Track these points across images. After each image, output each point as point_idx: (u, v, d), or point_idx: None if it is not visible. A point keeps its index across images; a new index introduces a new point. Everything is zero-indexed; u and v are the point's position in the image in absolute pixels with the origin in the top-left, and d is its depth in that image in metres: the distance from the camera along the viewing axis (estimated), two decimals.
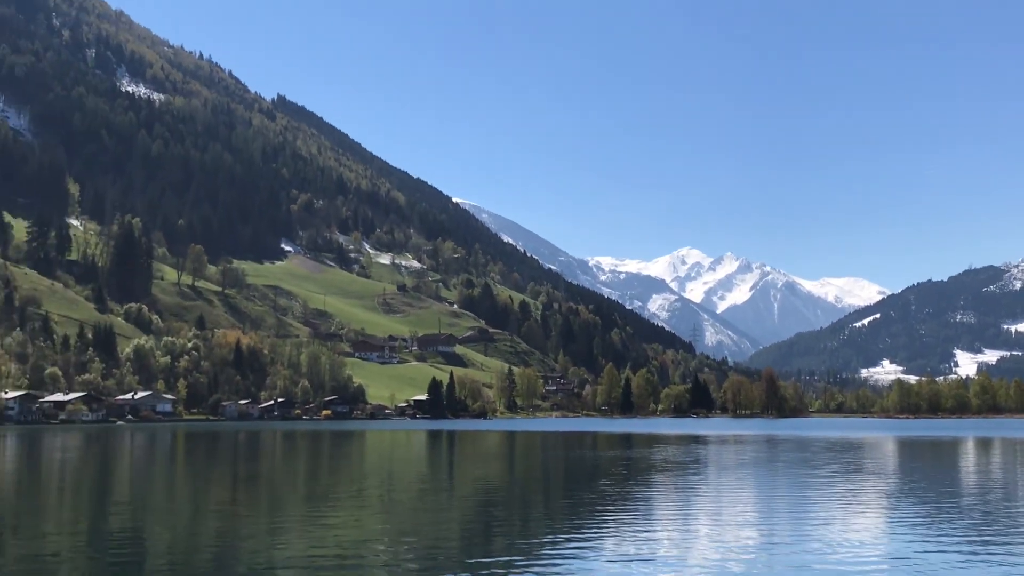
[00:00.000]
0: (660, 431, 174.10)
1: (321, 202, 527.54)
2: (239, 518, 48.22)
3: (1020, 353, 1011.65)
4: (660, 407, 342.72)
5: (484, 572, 30.02)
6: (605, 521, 42.35)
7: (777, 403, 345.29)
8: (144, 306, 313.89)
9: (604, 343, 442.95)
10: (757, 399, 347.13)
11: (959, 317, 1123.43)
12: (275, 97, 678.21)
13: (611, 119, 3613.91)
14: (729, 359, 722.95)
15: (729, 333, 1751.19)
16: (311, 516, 46.69)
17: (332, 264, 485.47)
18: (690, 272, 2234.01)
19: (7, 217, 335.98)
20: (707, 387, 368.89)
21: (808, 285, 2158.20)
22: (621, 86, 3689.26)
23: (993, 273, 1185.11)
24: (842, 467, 75.93)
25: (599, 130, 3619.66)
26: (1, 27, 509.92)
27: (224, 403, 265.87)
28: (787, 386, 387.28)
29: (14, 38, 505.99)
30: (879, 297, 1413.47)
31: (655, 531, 38.88)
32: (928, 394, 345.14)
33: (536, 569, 29.88)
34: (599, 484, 64.44)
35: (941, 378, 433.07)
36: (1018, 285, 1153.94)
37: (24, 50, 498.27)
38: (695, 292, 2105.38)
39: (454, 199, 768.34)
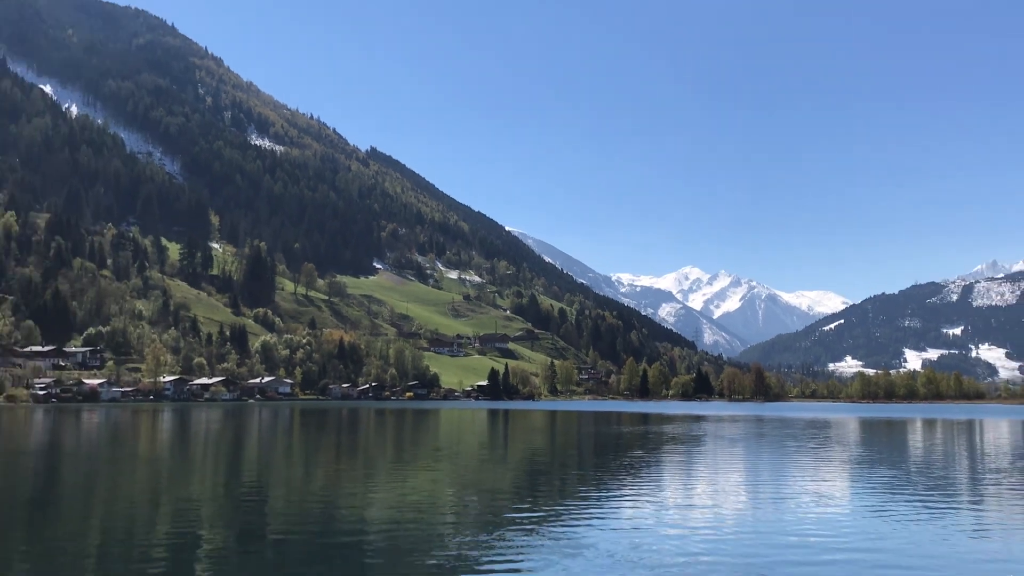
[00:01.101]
0: (671, 412, 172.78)
1: (404, 230, 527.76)
2: (340, 474, 48.49)
3: (956, 351, 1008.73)
4: (670, 392, 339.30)
5: (529, 520, 29.66)
6: (625, 481, 41.99)
7: (764, 390, 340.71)
8: (269, 311, 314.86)
9: (625, 342, 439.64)
10: (747, 387, 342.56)
11: (907, 323, 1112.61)
12: (368, 148, 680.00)
13: (628, 159, 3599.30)
14: (724, 355, 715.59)
15: (723, 334, 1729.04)
16: (396, 473, 46.82)
17: (412, 278, 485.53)
18: (692, 286, 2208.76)
19: (164, 242, 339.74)
20: (707, 377, 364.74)
21: (786, 296, 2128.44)
22: (634, 135, 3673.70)
23: (935, 288, 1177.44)
24: (822, 439, 75.39)
25: (620, 169, 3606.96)
26: (160, 95, 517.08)
27: (330, 386, 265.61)
28: (771, 376, 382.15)
29: (170, 103, 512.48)
30: (843, 306, 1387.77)
31: (665, 490, 38.68)
32: (884, 384, 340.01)
33: (570, 519, 29.56)
34: (623, 452, 64.20)
35: (894, 371, 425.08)
36: (954, 297, 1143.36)
37: (177, 113, 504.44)
38: (696, 302, 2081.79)
39: (506, 227, 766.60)
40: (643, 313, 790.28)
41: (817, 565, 21.58)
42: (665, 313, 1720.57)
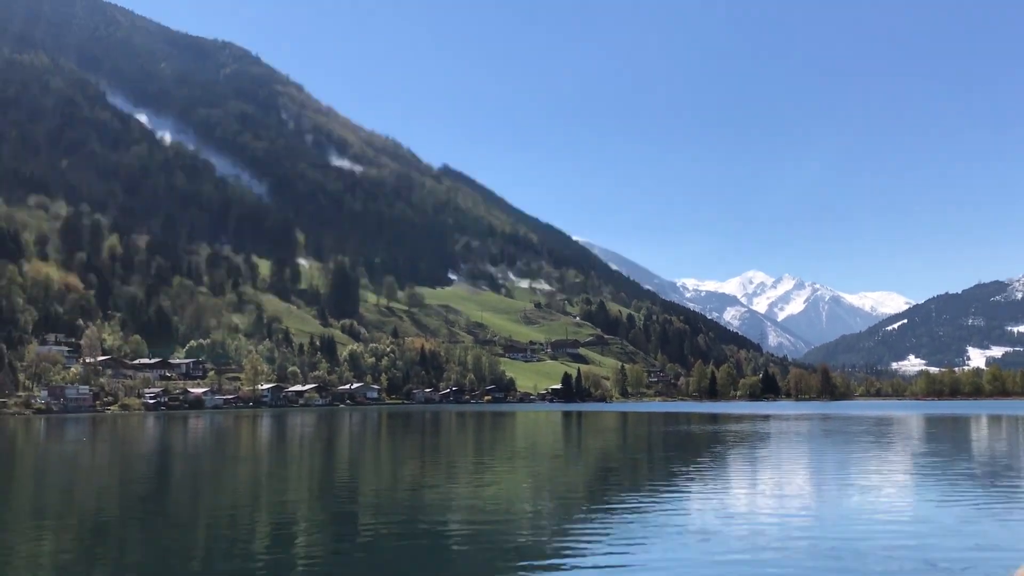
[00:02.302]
0: (741, 412, 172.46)
1: (476, 243, 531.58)
2: (425, 469, 51.26)
3: (1021, 349, 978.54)
4: (738, 393, 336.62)
5: (601, 516, 30.27)
6: (697, 477, 42.93)
7: (830, 389, 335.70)
8: (354, 321, 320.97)
9: (692, 345, 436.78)
10: (814, 387, 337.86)
11: (971, 321, 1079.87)
12: (441, 165, 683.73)
13: (691, 166, 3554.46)
14: (788, 357, 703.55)
15: (788, 336, 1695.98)
16: (477, 471, 48.94)
17: (486, 288, 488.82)
18: (756, 290, 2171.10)
19: (255, 259, 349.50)
20: (774, 378, 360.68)
21: (850, 298, 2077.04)
22: (695, 141, 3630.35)
23: (999, 286, 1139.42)
24: (891, 435, 75.96)
25: (684, 176, 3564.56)
26: (247, 121, 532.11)
27: (414, 391, 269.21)
28: (837, 376, 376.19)
29: (256, 128, 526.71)
30: (906, 306, 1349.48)
31: (736, 486, 39.13)
32: (950, 381, 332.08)
33: (642, 513, 30.03)
34: (695, 450, 65.24)
35: (958, 369, 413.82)
36: (1019, 295, 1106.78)
37: (263, 137, 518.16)
38: (760, 305, 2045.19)
39: (574, 237, 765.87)
40: (708, 317, 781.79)
41: (881, 556, 21.92)
42: (730, 317, 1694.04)
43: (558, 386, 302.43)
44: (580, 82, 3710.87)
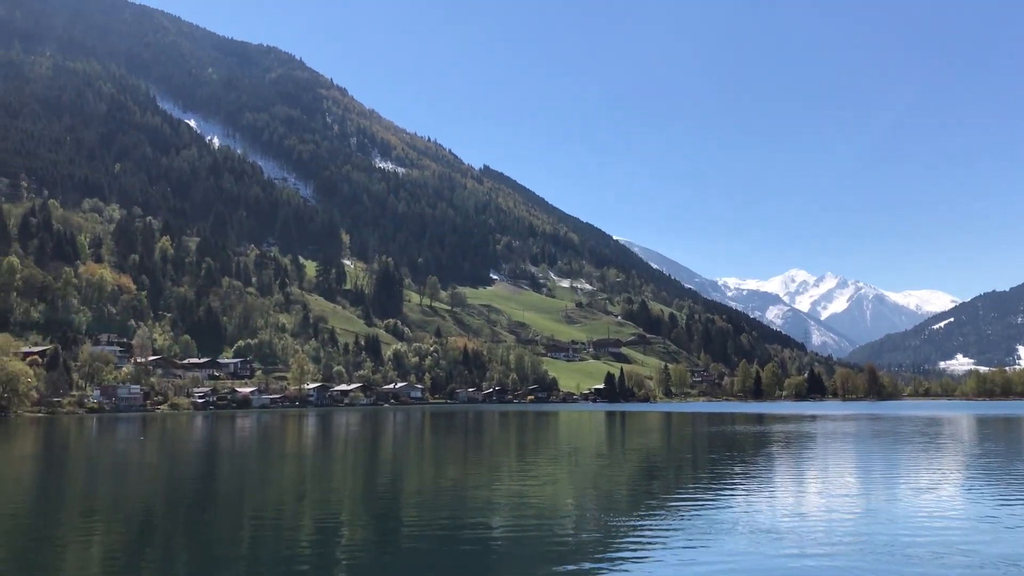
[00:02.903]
0: (788, 411, 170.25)
1: (517, 242, 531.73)
2: (468, 468, 51.21)
3: None
4: (784, 393, 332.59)
5: (644, 515, 30.44)
6: (742, 478, 42.45)
7: (877, 389, 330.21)
8: (398, 321, 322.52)
9: (735, 344, 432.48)
10: (861, 386, 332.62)
11: (1020, 319, 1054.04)
12: (482, 166, 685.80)
13: (730, 164, 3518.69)
14: (833, 356, 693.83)
15: (831, 335, 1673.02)
16: (520, 470, 48.90)
17: (527, 288, 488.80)
18: (798, 288, 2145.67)
19: (301, 260, 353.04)
20: (820, 377, 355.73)
21: (894, 296, 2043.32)
22: (736, 139, 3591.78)
23: None
24: (943, 436, 74.44)
25: (723, 174, 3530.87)
26: (293, 124, 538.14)
27: (457, 390, 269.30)
28: (884, 376, 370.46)
29: (301, 132, 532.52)
30: (952, 304, 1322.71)
31: (785, 486, 38.91)
32: (1001, 380, 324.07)
33: (681, 515, 29.74)
34: (743, 450, 64.43)
35: (1009, 368, 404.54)
36: None
37: (308, 140, 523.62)
38: (803, 303, 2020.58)
39: (614, 237, 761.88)
40: (751, 316, 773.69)
41: (929, 557, 21.71)
42: (772, 316, 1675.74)
43: (601, 386, 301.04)
44: (619, 81, 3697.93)
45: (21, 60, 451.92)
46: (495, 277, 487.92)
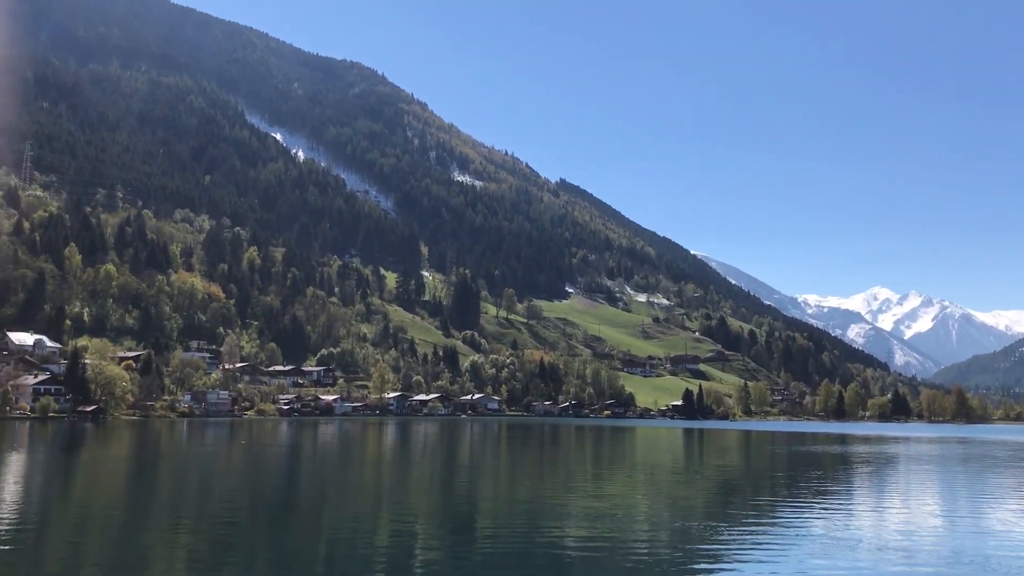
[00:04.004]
0: (874, 432, 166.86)
1: (593, 256, 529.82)
2: (544, 481, 52.23)
3: None
4: (867, 414, 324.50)
5: (719, 532, 30.69)
6: (821, 497, 42.30)
7: (965, 412, 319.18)
8: (475, 333, 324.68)
9: (817, 363, 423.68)
10: (948, 408, 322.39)
11: None
12: (558, 180, 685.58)
13: (810, 178, 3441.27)
14: (917, 376, 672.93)
15: (915, 355, 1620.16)
16: (595, 483, 49.61)
17: (603, 302, 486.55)
18: (881, 306, 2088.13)
19: (382, 271, 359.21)
20: (905, 398, 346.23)
21: (982, 316, 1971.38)
22: (817, 152, 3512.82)
23: None
24: None
25: (803, 189, 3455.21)
26: (375, 139, 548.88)
27: (533, 403, 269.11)
28: (973, 398, 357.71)
29: (382, 146, 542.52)
30: None
31: (866, 507, 38.76)
32: None
33: (757, 533, 29.92)
34: (822, 470, 64.05)
35: None
36: None
37: (389, 154, 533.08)
38: (885, 322, 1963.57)
39: (691, 251, 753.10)
40: (831, 334, 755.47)
41: None
42: (854, 334, 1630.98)
43: (679, 402, 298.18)
44: (696, 93, 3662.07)
45: (119, 76, 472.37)
46: (571, 290, 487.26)
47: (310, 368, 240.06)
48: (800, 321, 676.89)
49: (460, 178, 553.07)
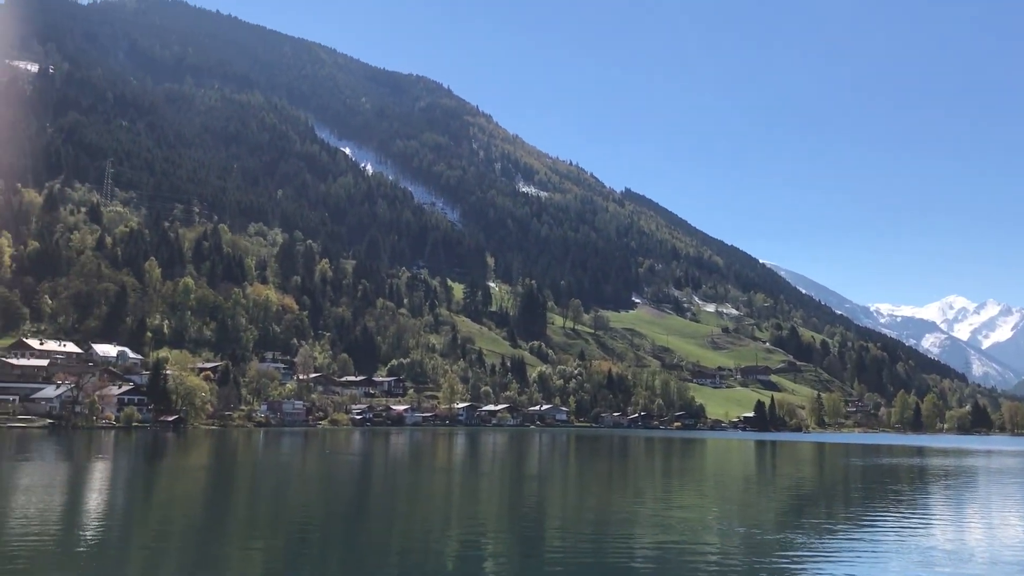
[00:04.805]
0: (954, 445, 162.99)
1: (660, 266, 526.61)
2: (613, 492, 52.91)
3: None
4: (945, 426, 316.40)
5: (790, 547, 30.73)
6: (896, 512, 42.05)
7: None
8: (542, 343, 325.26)
9: (891, 374, 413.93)
10: None
11: None
12: (623, 189, 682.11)
13: (881, 185, 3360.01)
14: (996, 387, 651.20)
15: (994, 366, 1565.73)
16: (665, 495, 50.04)
17: (670, 312, 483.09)
18: (957, 315, 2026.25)
19: (449, 282, 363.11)
20: (985, 410, 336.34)
21: None
22: (888, 159, 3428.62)
23: None
24: None
25: (874, 195, 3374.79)
26: (441, 152, 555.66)
27: (602, 414, 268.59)
28: None
29: (448, 158, 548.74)
30: None
31: (944, 523, 38.43)
32: None
33: (829, 550, 29.88)
34: (897, 483, 63.51)
35: None
36: None
37: (455, 166, 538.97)
38: (962, 332, 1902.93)
39: (760, 260, 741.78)
40: (906, 344, 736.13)
41: None
42: (929, 344, 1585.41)
43: (750, 414, 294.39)
44: (762, 98, 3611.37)
45: (192, 93, 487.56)
46: (637, 301, 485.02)
47: (381, 378, 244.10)
48: (873, 331, 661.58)
49: (525, 189, 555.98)
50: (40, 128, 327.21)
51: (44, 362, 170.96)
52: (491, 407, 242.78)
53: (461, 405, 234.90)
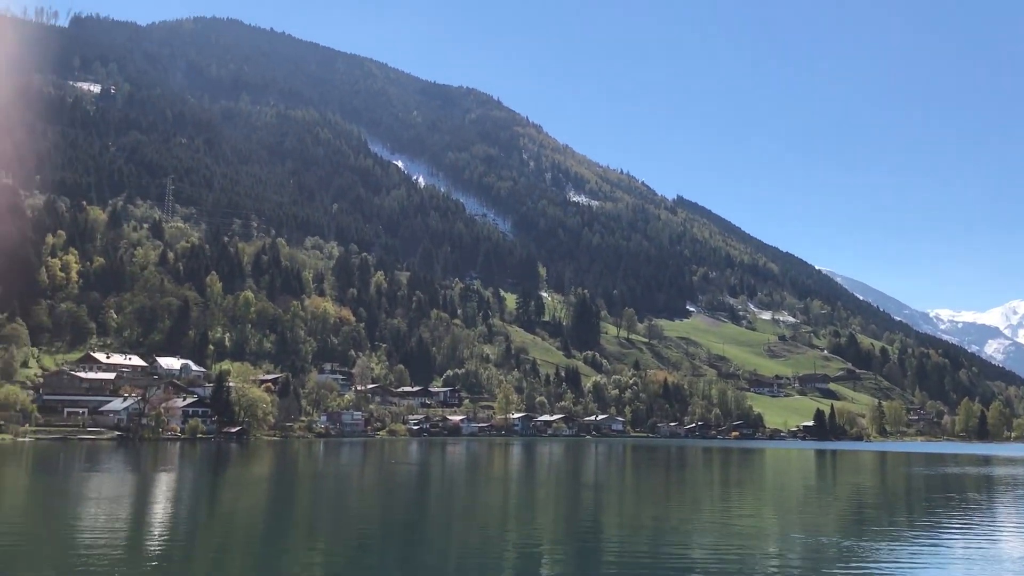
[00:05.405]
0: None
1: (714, 273, 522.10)
2: (671, 503, 52.88)
3: None
4: (1013, 434, 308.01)
5: (853, 557, 30.40)
6: (962, 523, 41.22)
7: None
8: (596, 353, 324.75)
9: (954, 381, 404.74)
10: None
11: None
12: (675, 197, 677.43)
13: (942, 185, 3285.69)
14: None
15: None
16: (723, 506, 49.74)
17: (725, 320, 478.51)
18: (1021, 320, 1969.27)
19: (502, 292, 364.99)
20: None
21: None
22: (946, 159, 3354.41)
23: None
24: None
25: (934, 198, 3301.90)
26: (492, 163, 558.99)
27: (658, 424, 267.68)
28: None
29: (499, 169, 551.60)
30: None
31: (1010, 532, 38.00)
32: None
33: (893, 561, 29.55)
34: (963, 493, 62.60)
35: None
36: None
37: (506, 177, 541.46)
38: None
39: (816, 266, 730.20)
40: (968, 350, 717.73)
41: None
42: (992, 350, 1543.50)
43: (810, 423, 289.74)
44: (813, 106, 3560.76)
45: (249, 111, 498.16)
46: (692, 309, 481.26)
47: (437, 389, 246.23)
48: (933, 337, 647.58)
49: (576, 198, 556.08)
50: (103, 147, 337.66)
51: (111, 375, 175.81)
52: (546, 417, 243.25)
53: (516, 415, 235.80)
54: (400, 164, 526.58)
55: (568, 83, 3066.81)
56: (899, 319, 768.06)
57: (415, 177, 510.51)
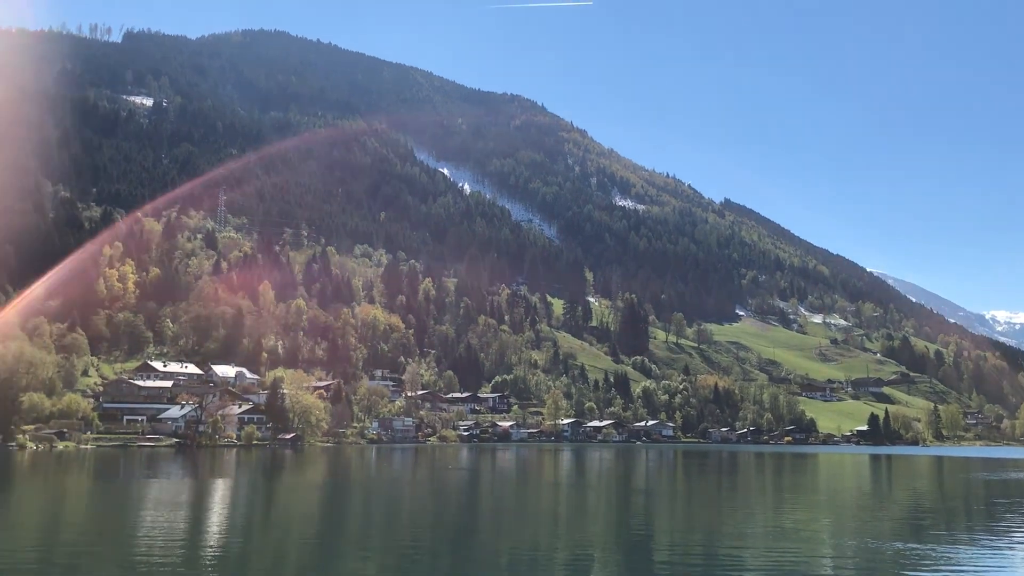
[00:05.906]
0: None
1: (764, 277, 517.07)
2: (723, 510, 52.60)
3: None
4: None
5: (909, 563, 30.02)
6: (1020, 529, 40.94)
7: None
8: (645, 358, 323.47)
9: (1012, 383, 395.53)
10: None
11: None
12: (723, 200, 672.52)
13: (992, 182, 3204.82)
14: None
15: None
16: (776, 513, 49.41)
17: (776, 324, 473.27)
18: None
19: (549, 298, 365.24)
20: None
21: None
22: (994, 156, 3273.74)
23: None
24: None
25: (987, 193, 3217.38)
26: (537, 168, 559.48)
27: (709, 430, 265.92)
28: None
29: (544, 175, 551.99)
30: None
31: None
32: None
33: (951, 566, 29.18)
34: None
35: None
36: None
37: (551, 182, 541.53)
38: None
39: (867, 268, 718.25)
40: None
41: None
42: None
43: (864, 427, 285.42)
44: (863, 105, 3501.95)
45: (299, 121, 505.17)
46: (741, 313, 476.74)
47: (485, 395, 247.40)
48: (990, 339, 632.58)
49: (622, 203, 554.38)
50: (156, 159, 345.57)
51: (168, 383, 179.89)
52: (596, 423, 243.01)
53: (566, 421, 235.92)
54: (446, 171, 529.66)
55: (612, 87, 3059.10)
56: (954, 321, 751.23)
57: (461, 184, 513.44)
